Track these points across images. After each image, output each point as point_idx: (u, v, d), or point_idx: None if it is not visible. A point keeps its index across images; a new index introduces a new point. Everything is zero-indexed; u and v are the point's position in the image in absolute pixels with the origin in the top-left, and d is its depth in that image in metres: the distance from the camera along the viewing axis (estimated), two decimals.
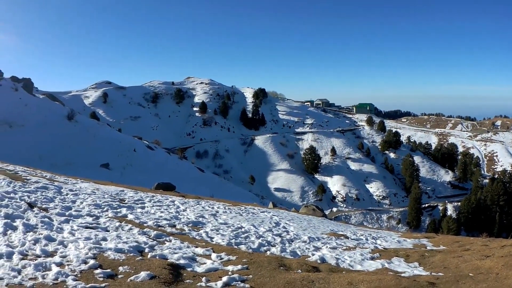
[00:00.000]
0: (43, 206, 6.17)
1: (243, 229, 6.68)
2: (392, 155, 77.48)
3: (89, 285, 3.15)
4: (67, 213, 5.94)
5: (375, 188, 68.64)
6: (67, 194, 7.47)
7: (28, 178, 8.76)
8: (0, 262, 3.48)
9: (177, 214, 7.43)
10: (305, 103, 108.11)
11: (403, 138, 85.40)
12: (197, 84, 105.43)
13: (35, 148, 26.86)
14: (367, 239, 7.56)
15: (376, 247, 6.57)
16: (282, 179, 70.88)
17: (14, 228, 4.65)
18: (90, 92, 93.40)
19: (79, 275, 3.42)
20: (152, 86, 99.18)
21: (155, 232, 5.32)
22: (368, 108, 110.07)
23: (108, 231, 5.25)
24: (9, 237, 4.31)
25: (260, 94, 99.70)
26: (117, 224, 5.67)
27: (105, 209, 6.73)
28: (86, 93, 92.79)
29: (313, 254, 5.32)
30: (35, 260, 3.64)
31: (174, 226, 6.15)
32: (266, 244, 5.78)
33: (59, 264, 3.62)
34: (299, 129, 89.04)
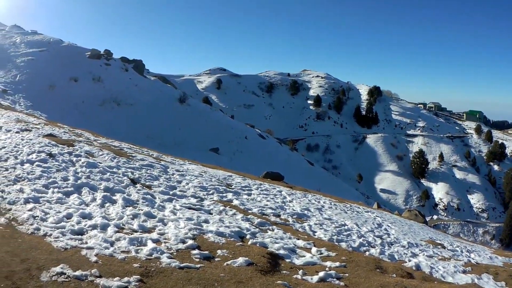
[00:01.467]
0: (147, 183, 11.72)
1: (346, 227, 12.63)
2: (496, 167, 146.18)
3: (184, 264, 6.49)
4: (171, 192, 11.22)
5: (475, 200, 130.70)
6: (173, 174, 13.92)
7: (133, 155, 15.61)
8: (93, 233, 7.41)
9: (283, 204, 13.73)
10: (418, 105, 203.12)
11: (508, 151, 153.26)
12: (312, 77, 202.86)
13: (143, 128, 48.08)
14: (461, 252, 13.99)
15: (469, 260, 12.23)
16: (388, 181, 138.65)
17: (113, 202, 9.39)
18: (203, 78, 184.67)
19: (175, 253, 6.96)
20: (267, 76, 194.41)
21: (258, 219, 10.15)
22: (477, 116, 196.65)
23: (211, 214, 10.04)
24: (106, 209, 8.81)
25: (375, 92, 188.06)
26: (221, 208, 10.78)
27: (210, 192, 12.54)
28: (199, 78, 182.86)
29: (409, 260, 10.02)
30: (131, 234, 7.54)
31: (278, 216, 11.58)
32: (366, 244, 10.97)
33: (156, 241, 7.33)
34: (410, 131, 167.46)
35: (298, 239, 9.21)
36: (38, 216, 8.04)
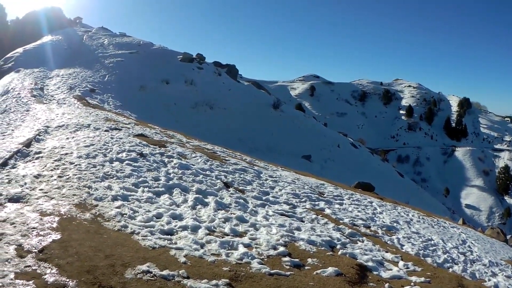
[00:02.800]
0: (240, 187, 12.07)
1: (432, 242, 13.04)
2: None
3: (274, 270, 6.62)
4: (264, 198, 11.50)
5: None
6: (266, 180, 14.31)
7: (226, 158, 16.04)
8: (184, 234, 7.64)
9: (373, 215, 14.08)
10: (505, 118, 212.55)
11: None
12: (404, 86, 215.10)
13: (235, 132, 49.72)
14: None
15: None
16: (473, 196, 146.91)
17: (205, 204, 9.64)
18: (297, 84, 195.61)
19: (265, 259, 7.12)
20: (360, 85, 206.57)
21: (349, 230, 10.43)
22: None
23: (303, 221, 10.31)
24: (197, 211, 9.06)
25: (465, 104, 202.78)
26: (313, 216, 11.06)
27: (303, 199, 12.89)
28: (293, 85, 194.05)
29: (489, 280, 10.30)
30: (222, 237, 7.72)
31: (368, 227, 11.91)
32: (450, 260, 11.33)
33: (247, 246, 7.51)
34: (497, 145, 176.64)
35: (387, 251, 9.51)
36: (126, 214, 8.39)
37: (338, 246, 8.89)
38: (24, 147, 14.15)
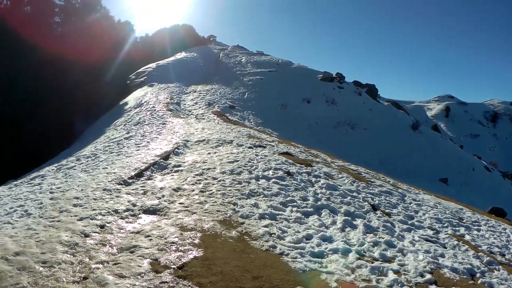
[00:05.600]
0: (386, 210, 11.91)
1: None
2: None
3: None
4: (409, 222, 11.34)
5: None
6: (410, 203, 14.12)
7: (371, 180, 15.88)
8: (334, 257, 7.63)
9: (507, 243, 13.28)
10: None
11: None
12: None
13: (376, 153, 49.87)
14: None
15: None
16: None
17: (354, 227, 9.59)
18: (432, 105, 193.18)
19: (413, 287, 7.15)
20: (491, 105, 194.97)
21: (487, 258, 10.16)
22: None
23: (446, 248, 10.11)
24: (346, 234, 8.95)
25: None
26: (455, 242, 10.80)
27: (445, 225, 12.59)
28: (428, 105, 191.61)
29: None
30: (372, 262, 7.68)
31: (503, 255, 11.37)
32: None
33: (396, 272, 7.49)
34: None
35: None
36: (274, 234, 8.41)
37: (477, 275, 8.87)
38: (161, 160, 14.61)
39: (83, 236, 7.97)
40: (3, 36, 52.69)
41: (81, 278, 6.34)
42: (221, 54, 70.70)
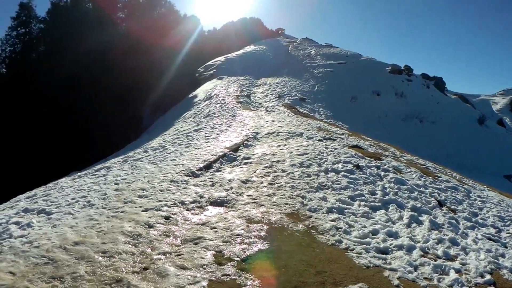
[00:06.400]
0: (452, 207, 11.64)
1: None
2: None
3: None
4: (473, 219, 11.04)
5: None
6: (475, 200, 13.70)
7: (438, 175, 15.55)
8: (398, 254, 7.56)
9: None
10: None
11: None
12: None
13: (444, 147, 49.25)
14: None
15: None
16: None
17: (419, 223, 9.45)
18: (498, 98, 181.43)
19: (473, 287, 6.95)
20: None
21: None
22: None
23: (506, 247, 9.66)
24: (412, 230, 8.84)
25: None
26: None
27: (507, 223, 12.02)
28: (494, 99, 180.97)
29: None
30: (435, 260, 7.54)
31: None
32: None
33: (457, 271, 7.33)
34: None
35: None
36: (341, 228, 8.39)
37: None
38: (231, 152, 14.77)
39: (147, 227, 8.16)
40: (69, 32, 54.16)
41: (141, 269, 6.48)
42: (290, 47, 70.38)
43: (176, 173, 12.39)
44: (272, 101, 33.89)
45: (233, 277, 6.22)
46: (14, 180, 39.07)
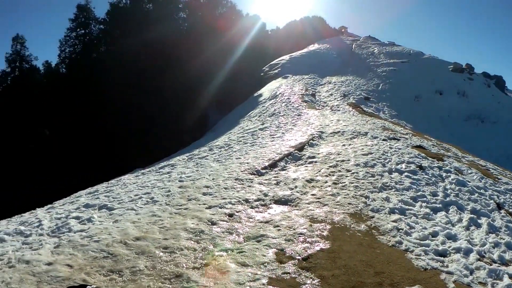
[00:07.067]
0: (510, 210, 11.31)
1: None
2: None
3: None
4: None
5: None
6: None
7: (498, 177, 15.26)
8: (456, 257, 7.46)
9: None
10: None
11: None
12: None
13: (504, 148, 46.98)
14: None
15: None
16: None
17: (478, 226, 9.28)
18: None
19: None
20: None
21: None
22: None
23: None
24: (470, 233, 8.72)
25: None
26: None
27: None
28: None
29: None
30: (490, 265, 7.39)
31: None
32: None
33: (511, 277, 7.05)
34: None
35: None
36: (402, 229, 8.38)
37: None
38: (296, 151, 14.84)
39: (210, 224, 8.25)
40: (129, 32, 55.02)
41: (202, 265, 6.54)
42: (353, 45, 69.52)
43: (241, 171, 12.56)
44: (337, 100, 33.84)
45: (293, 276, 6.28)
46: (74, 177, 40.05)
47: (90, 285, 5.84)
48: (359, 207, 9.45)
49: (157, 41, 53.23)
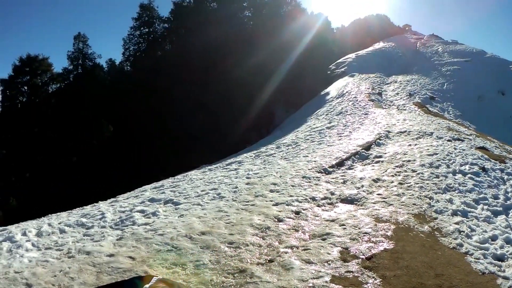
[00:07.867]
0: None
1: None
2: None
3: None
4: None
5: None
6: None
7: None
8: None
9: None
10: None
11: None
12: None
13: None
14: None
15: None
16: None
17: None
18: None
19: None
20: None
21: None
22: None
23: None
24: None
25: None
26: None
27: None
28: None
29: None
30: None
31: None
32: None
33: None
34: None
35: None
36: (463, 232, 8.32)
37: None
38: (363, 150, 14.88)
39: (276, 220, 8.35)
40: (194, 31, 55.44)
41: (266, 261, 6.64)
42: (418, 44, 67.98)
43: (308, 169, 12.65)
44: (403, 99, 33.34)
45: (356, 274, 6.30)
46: (137, 173, 41.20)
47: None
48: (423, 208, 9.42)
49: (222, 39, 53.51)
